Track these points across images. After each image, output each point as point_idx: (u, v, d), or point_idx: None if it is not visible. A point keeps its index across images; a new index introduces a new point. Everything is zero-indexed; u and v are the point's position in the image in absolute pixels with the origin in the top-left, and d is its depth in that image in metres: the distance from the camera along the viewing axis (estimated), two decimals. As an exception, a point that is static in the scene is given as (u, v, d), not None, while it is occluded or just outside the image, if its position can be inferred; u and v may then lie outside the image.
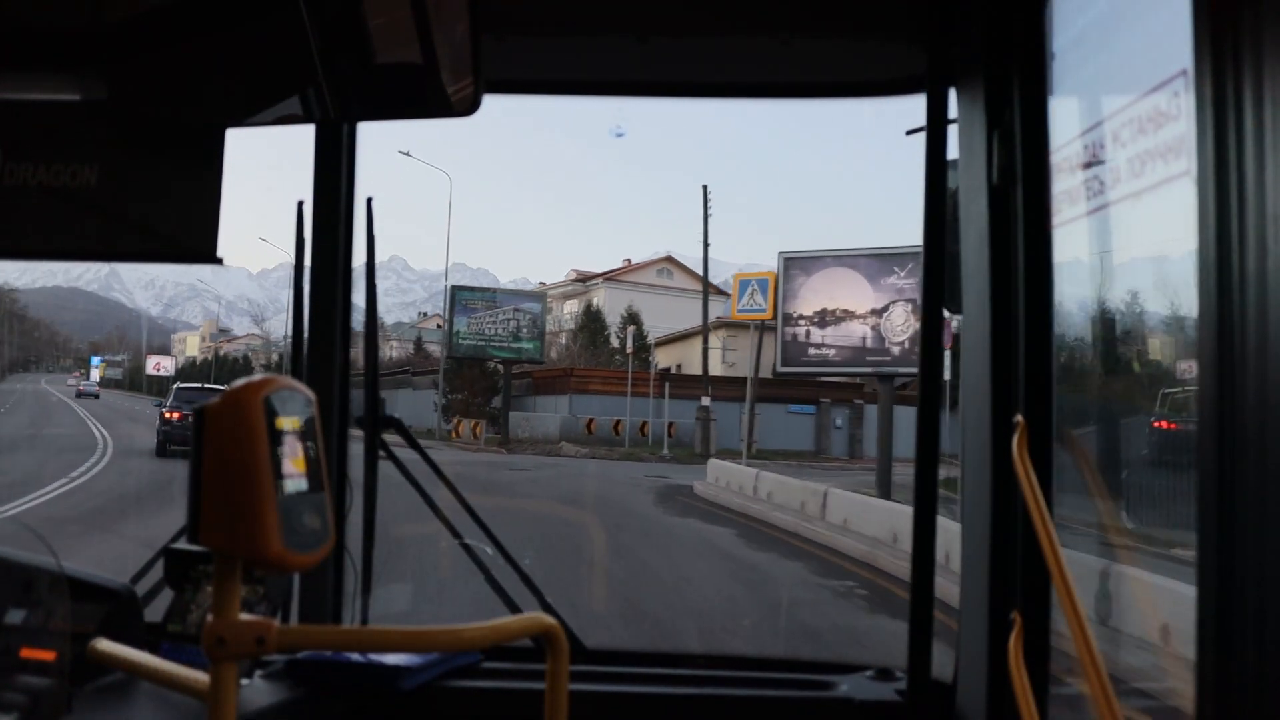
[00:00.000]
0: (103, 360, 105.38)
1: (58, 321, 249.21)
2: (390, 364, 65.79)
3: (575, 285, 68.85)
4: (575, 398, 42.80)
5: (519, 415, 43.20)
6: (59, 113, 1.92)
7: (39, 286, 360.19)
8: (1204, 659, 1.24)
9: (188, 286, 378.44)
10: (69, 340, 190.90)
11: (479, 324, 44.34)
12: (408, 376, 53.76)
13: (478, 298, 46.12)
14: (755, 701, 2.28)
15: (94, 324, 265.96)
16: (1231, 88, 1.19)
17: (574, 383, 44.28)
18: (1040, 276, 1.99)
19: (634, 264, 71.06)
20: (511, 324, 44.35)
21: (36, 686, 1.72)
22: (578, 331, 59.89)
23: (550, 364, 49.94)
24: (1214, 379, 1.23)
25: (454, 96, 1.71)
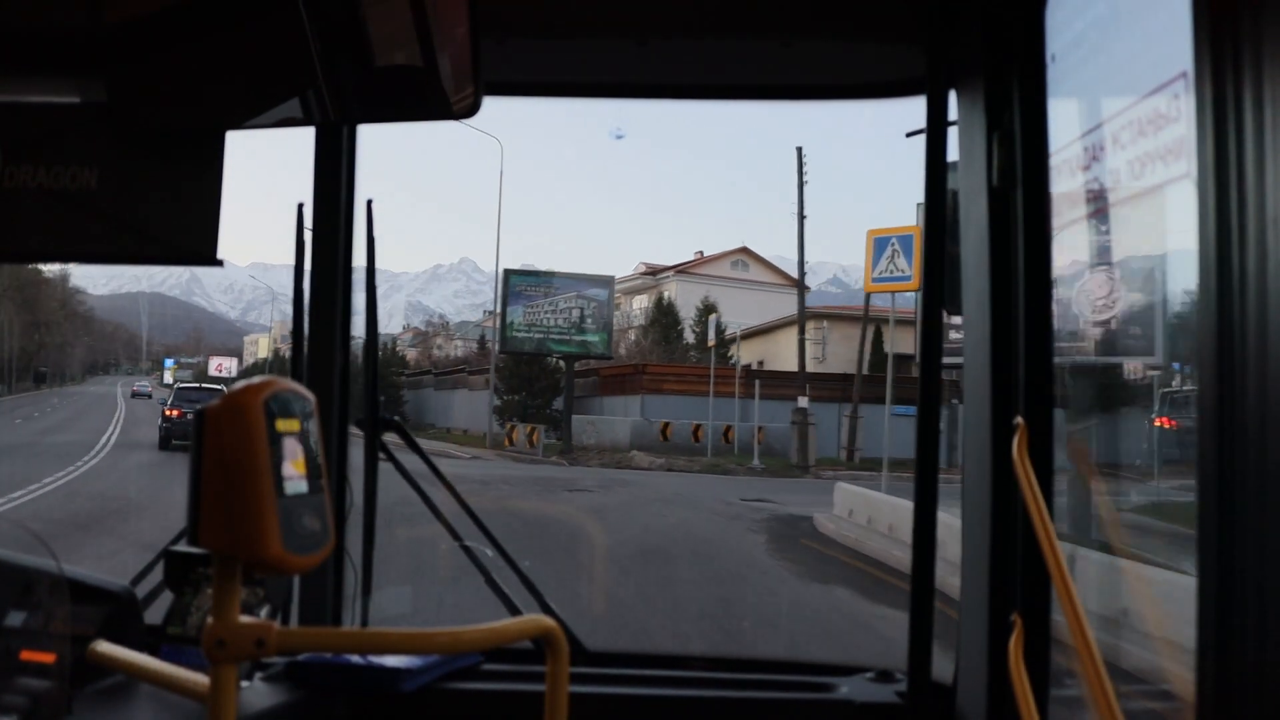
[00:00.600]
0: (175, 362, 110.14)
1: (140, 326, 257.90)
2: (448, 362, 62.54)
3: (644, 279, 62.76)
4: (648, 399, 37.35)
5: (583, 419, 37.38)
6: (59, 115, 1.92)
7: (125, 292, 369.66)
8: (1204, 658, 1.24)
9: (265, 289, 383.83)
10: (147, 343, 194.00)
11: (536, 313, 37.97)
12: (463, 376, 49.73)
13: (534, 283, 38.86)
14: (756, 704, 2.28)
15: (174, 327, 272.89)
16: (1231, 90, 1.19)
17: (646, 381, 38.51)
18: (1040, 278, 1.99)
19: (706, 256, 66.03)
20: (574, 313, 37.91)
21: (36, 689, 1.72)
22: (648, 326, 53.47)
23: (619, 360, 43.86)
24: (1214, 379, 1.23)
25: (454, 99, 1.71)
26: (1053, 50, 1.95)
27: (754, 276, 61.78)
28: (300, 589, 2.39)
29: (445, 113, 1.73)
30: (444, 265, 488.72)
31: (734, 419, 33.99)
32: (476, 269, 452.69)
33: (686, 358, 46.04)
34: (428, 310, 68.94)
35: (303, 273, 2.44)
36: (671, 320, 51.88)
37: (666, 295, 55.31)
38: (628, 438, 34.45)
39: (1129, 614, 2.28)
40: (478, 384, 44.35)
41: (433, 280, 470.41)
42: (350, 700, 2.17)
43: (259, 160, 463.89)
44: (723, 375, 35.21)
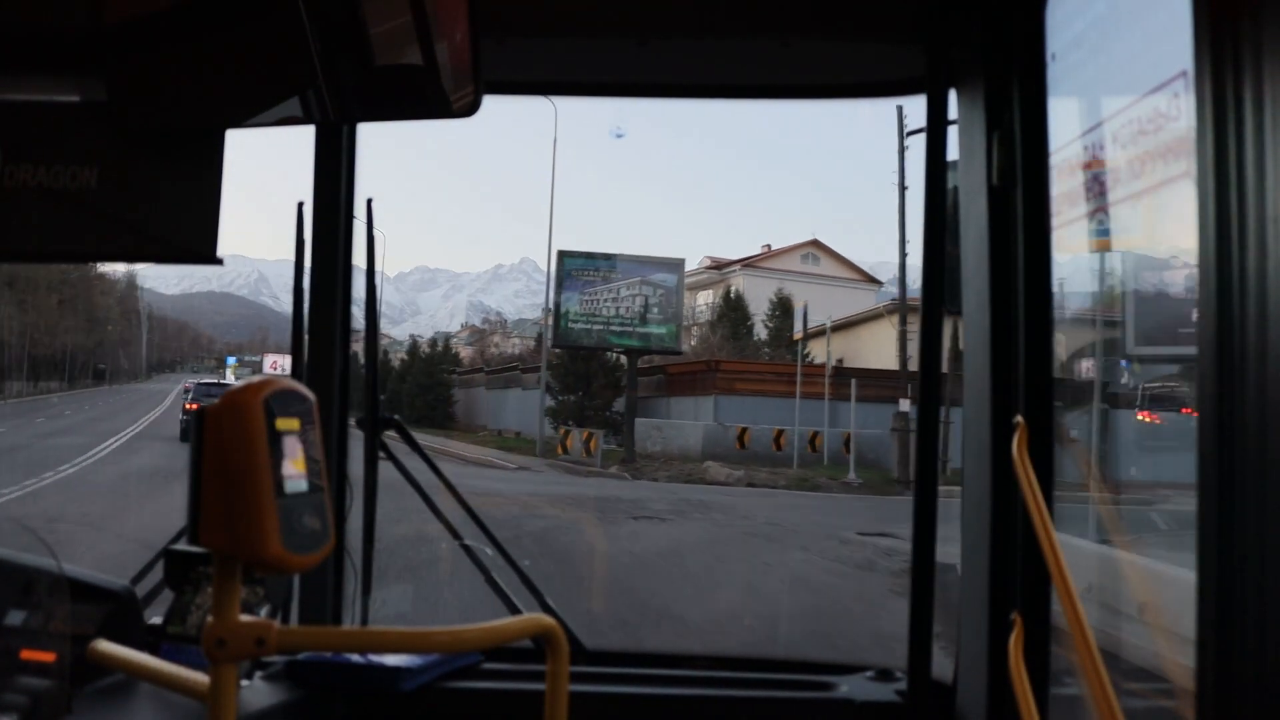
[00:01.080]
0: (237, 360, 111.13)
1: (208, 324, 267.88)
2: (501, 360, 60.38)
3: (709, 274, 57.74)
4: (722, 400, 32.22)
5: (647, 423, 32.23)
6: (59, 114, 1.92)
7: (195, 291, 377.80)
8: (1204, 655, 1.24)
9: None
10: (213, 341, 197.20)
11: (594, 302, 32.65)
12: (517, 374, 45.66)
13: (592, 266, 33.21)
14: (756, 702, 2.28)
15: (241, 326, 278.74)
16: (1231, 89, 1.19)
17: (720, 380, 33.29)
18: (1040, 277, 1.99)
19: (774, 250, 61.46)
20: (637, 301, 32.51)
21: (37, 688, 1.72)
22: (715, 322, 48.18)
23: (687, 357, 38.50)
24: (1214, 378, 1.23)
25: (453, 98, 1.71)
26: (1053, 49, 1.95)
27: (825, 270, 57.24)
28: (300, 588, 2.39)
29: (445, 112, 1.73)
30: (505, 265, 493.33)
31: (822, 424, 28.57)
32: (536, 269, 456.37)
33: (758, 355, 42.02)
34: (488, 310, 69.42)
35: (303, 272, 2.44)
36: (741, 315, 47.30)
37: (736, 288, 51.10)
38: (699, 445, 29.61)
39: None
40: (531, 383, 40.10)
41: (494, 280, 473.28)
42: (350, 699, 2.17)
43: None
44: (807, 374, 30.52)
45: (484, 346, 74.80)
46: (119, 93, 1.72)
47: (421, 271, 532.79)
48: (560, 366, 36.58)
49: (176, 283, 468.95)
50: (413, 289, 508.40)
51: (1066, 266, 2.08)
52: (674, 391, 36.15)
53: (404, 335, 69.49)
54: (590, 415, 34.78)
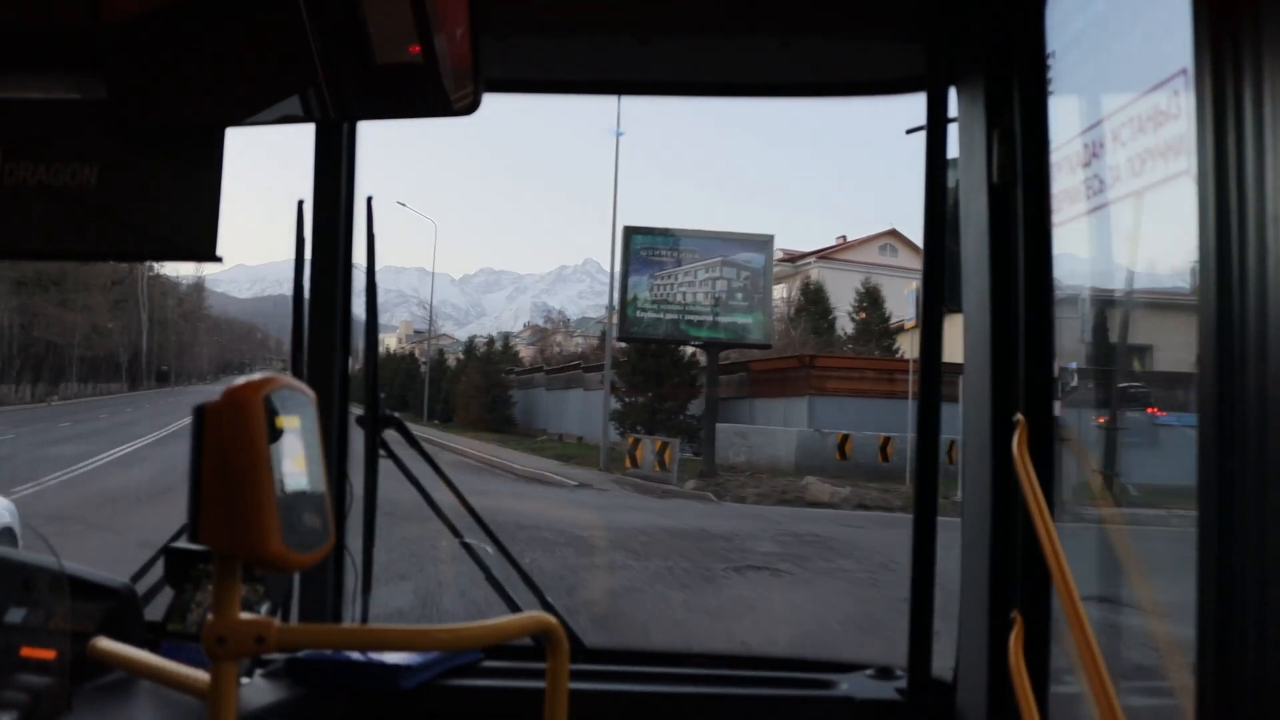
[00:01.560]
0: None
1: (277, 327, 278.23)
2: (562, 359, 57.16)
3: (784, 266, 51.05)
4: (816, 401, 27.61)
5: (729, 429, 28.10)
6: (59, 112, 1.92)
7: (266, 295, 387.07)
8: (1204, 655, 1.24)
9: (396, 293, 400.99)
10: (280, 344, 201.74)
11: (667, 286, 27.60)
12: (579, 373, 41.89)
13: (665, 245, 27.94)
14: (755, 700, 2.28)
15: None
16: (1231, 86, 1.19)
17: (814, 379, 28.51)
18: (1040, 275, 1.99)
19: (850, 241, 58.72)
20: (718, 285, 27.50)
21: (37, 685, 1.72)
22: (795, 315, 43.81)
23: (776, 351, 32.51)
24: (1214, 378, 1.23)
25: (454, 96, 1.71)
26: (1053, 47, 1.95)
27: (904, 262, 53.73)
28: (300, 586, 2.40)
29: (445, 110, 1.73)
30: (569, 266, 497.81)
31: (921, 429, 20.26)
32: (600, 269, 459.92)
33: (843, 351, 37.87)
34: (552, 311, 68.96)
35: (303, 270, 2.44)
36: (822, 308, 43.64)
37: (814, 277, 47.83)
38: (792, 454, 25.38)
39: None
40: (594, 383, 36.20)
41: (558, 281, 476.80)
42: (350, 697, 2.17)
43: (403, 166, 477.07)
44: (896, 371, 27.26)
45: (546, 346, 72.36)
46: (119, 90, 1.72)
47: (486, 273, 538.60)
48: (627, 364, 32.10)
49: (249, 287, 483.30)
50: (477, 291, 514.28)
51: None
52: (759, 392, 31.38)
53: (468, 337, 68.89)
54: (661, 420, 30.16)
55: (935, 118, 2.13)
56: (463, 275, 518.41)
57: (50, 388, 53.50)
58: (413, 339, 59.21)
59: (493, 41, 2.15)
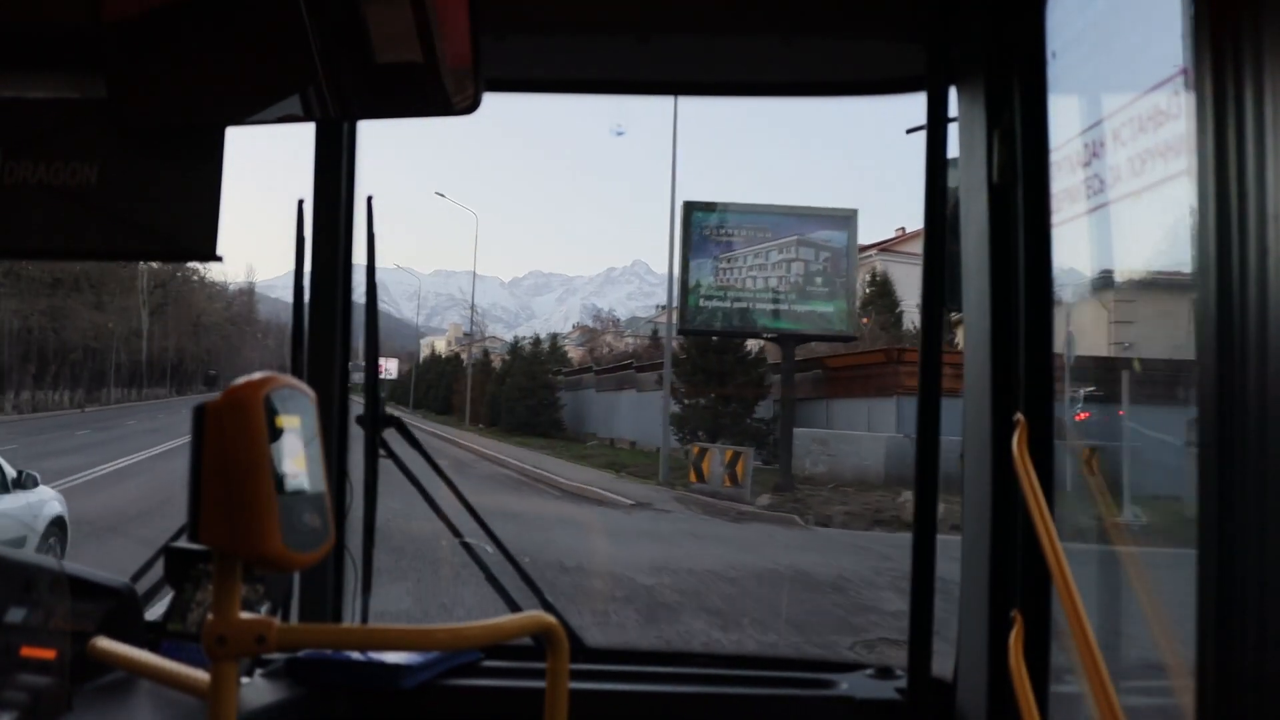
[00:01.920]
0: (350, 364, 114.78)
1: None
2: (612, 358, 55.56)
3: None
4: (905, 402, 23.46)
5: (805, 434, 24.35)
6: (59, 111, 1.92)
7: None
8: (1204, 655, 1.24)
9: (446, 296, 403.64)
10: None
11: (734, 271, 23.80)
12: (630, 373, 39.38)
13: (731, 223, 24.17)
14: (756, 700, 2.28)
15: (360, 332, 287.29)
16: (1231, 86, 1.19)
17: (904, 376, 24.31)
18: (1040, 275, 1.99)
19: (909, 233, 52.36)
20: (794, 268, 23.52)
21: (37, 685, 1.72)
22: (863, 306, 37.87)
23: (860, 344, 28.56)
24: (1214, 378, 1.23)
25: (454, 95, 1.71)
26: (1053, 47, 1.95)
27: None
28: (300, 586, 2.40)
29: (445, 109, 1.73)
30: (617, 268, 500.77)
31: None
32: (649, 270, 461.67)
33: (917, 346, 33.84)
34: (601, 311, 68.92)
35: (303, 270, 2.44)
36: (889, 301, 40.30)
37: (879, 269, 43.45)
38: (880, 464, 21.94)
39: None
40: (648, 383, 33.91)
41: (606, 283, 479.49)
42: (351, 697, 2.17)
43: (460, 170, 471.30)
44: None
45: (595, 346, 70.36)
46: (119, 90, 1.72)
47: (535, 276, 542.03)
48: (686, 362, 28.61)
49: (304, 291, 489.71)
50: (527, 293, 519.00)
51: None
52: (837, 392, 27.61)
53: (513, 336, 67.00)
54: (725, 424, 26.73)
55: (935, 117, 2.13)
56: (512, 278, 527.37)
57: (90, 394, 52.21)
58: (461, 342, 58.33)
59: (493, 40, 2.15)
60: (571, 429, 44.77)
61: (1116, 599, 2.03)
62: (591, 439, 40.44)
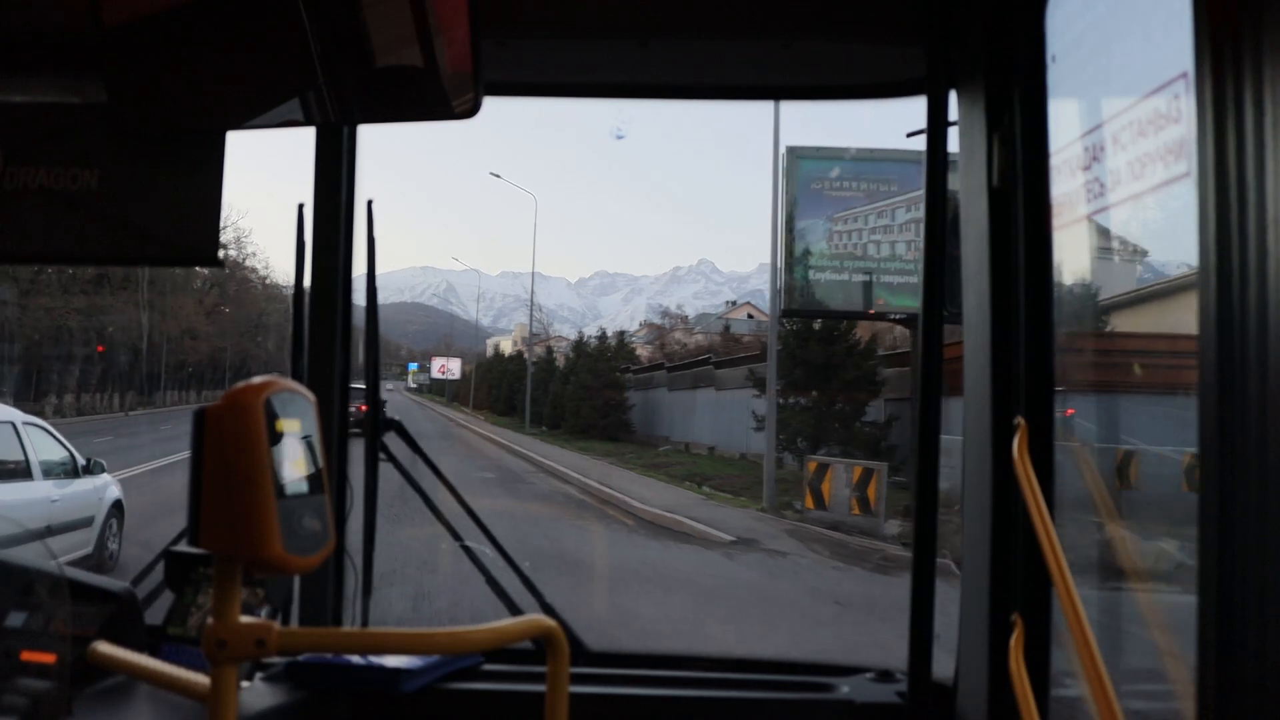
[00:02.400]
0: (417, 366, 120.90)
1: (400, 333, 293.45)
2: (686, 354, 50.97)
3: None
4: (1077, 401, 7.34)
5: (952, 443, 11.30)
6: (60, 117, 1.92)
7: (389, 303, 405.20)
8: (1204, 656, 1.24)
9: (513, 298, 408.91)
10: (399, 349, 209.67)
11: (853, 232, 18.80)
12: (708, 370, 34.43)
13: (849, 172, 18.99)
14: (756, 704, 2.28)
15: (429, 334, 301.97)
16: (1232, 90, 1.19)
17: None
18: (1040, 278, 1.99)
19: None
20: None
21: (37, 689, 1.72)
22: None
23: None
24: (1215, 380, 1.23)
25: (454, 99, 1.72)
26: (1053, 51, 1.95)
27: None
28: (300, 589, 2.39)
29: (445, 113, 1.73)
30: (683, 267, 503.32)
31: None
32: (715, 270, 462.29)
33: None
34: (669, 308, 68.42)
35: (303, 273, 2.44)
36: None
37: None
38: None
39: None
40: (731, 380, 29.59)
41: (672, 283, 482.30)
42: (351, 700, 2.17)
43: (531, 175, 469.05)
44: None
45: (664, 343, 66.14)
46: (120, 95, 1.72)
47: (601, 276, 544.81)
48: (783, 352, 22.25)
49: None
50: (592, 294, 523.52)
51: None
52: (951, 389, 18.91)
53: (578, 332, 64.54)
54: (831, 428, 22.03)
55: (936, 121, 2.13)
56: (578, 279, 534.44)
57: (143, 396, 50.75)
58: (528, 342, 57.36)
59: (493, 45, 2.15)
60: (641, 432, 40.76)
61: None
62: (663, 443, 36.14)
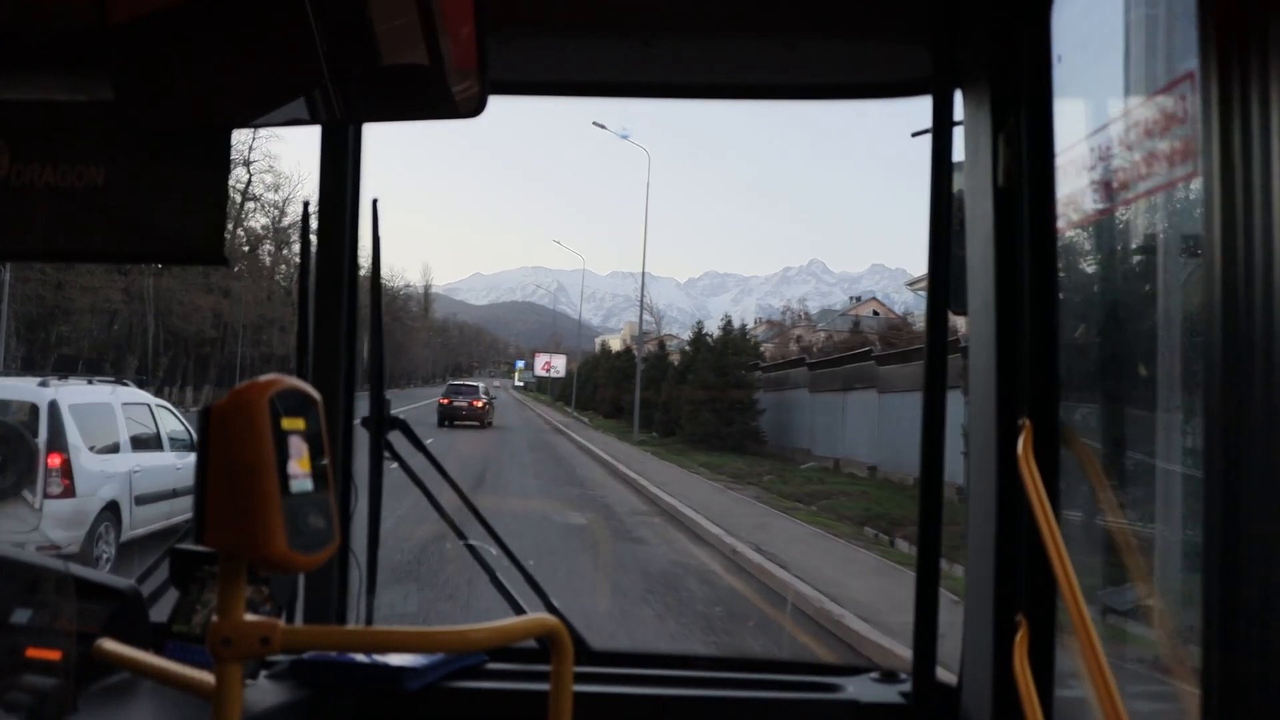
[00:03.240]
0: (523, 364, 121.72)
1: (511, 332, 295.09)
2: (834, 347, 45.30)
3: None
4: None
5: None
6: (67, 114, 1.93)
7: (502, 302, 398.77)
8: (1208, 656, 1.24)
9: (623, 298, 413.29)
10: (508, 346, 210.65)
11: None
12: (868, 366, 27.92)
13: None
14: (760, 703, 2.28)
15: (539, 333, 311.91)
16: (1238, 90, 1.19)
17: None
18: (1046, 279, 1.98)
19: None
20: None
21: (42, 686, 1.72)
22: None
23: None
24: (1221, 378, 1.23)
25: (459, 98, 1.72)
26: (1059, 50, 1.95)
27: None
28: (305, 587, 2.40)
29: (451, 111, 1.73)
30: (793, 268, 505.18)
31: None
32: (826, 270, 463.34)
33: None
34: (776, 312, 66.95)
35: (309, 271, 2.45)
36: None
37: None
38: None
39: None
40: (897, 380, 24.36)
41: (782, 283, 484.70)
42: (355, 698, 2.17)
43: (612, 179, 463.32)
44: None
45: (784, 341, 61.43)
46: (125, 92, 1.72)
47: (711, 276, 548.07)
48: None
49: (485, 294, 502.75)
50: (702, 294, 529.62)
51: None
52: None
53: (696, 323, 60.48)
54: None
55: (941, 121, 2.13)
56: (688, 279, 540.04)
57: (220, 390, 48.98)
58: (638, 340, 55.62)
59: (498, 43, 2.15)
60: (772, 443, 33.99)
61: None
62: (804, 458, 29.67)
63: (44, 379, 11.09)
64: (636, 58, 2.36)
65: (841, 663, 2.44)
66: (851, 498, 19.99)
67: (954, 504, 2.26)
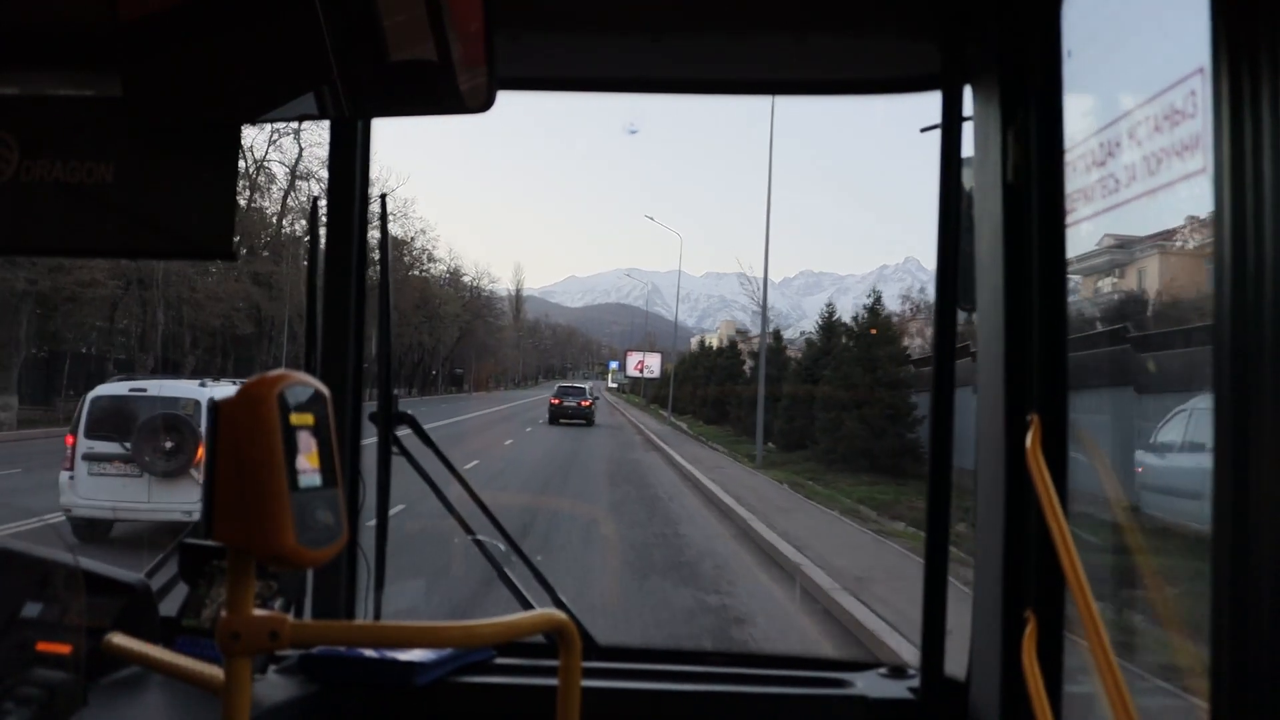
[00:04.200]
0: (617, 365, 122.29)
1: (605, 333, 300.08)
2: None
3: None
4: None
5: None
6: (75, 110, 1.93)
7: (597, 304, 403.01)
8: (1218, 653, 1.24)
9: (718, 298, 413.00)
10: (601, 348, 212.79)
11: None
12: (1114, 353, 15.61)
13: None
14: (769, 699, 2.28)
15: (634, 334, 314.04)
16: (1249, 85, 1.19)
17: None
18: (1054, 274, 1.98)
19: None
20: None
21: (52, 680, 1.73)
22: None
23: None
24: (1230, 379, 1.22)
25: (467, 93, 1.71)
26: (1069, 45, 1.94)
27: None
28: (314, 582, 2.41)
29: (459, 107, 1.73)
30: (889, 266, 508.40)
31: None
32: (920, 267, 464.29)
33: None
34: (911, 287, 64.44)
35: (317, 267, 2.45)
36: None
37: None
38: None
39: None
40: (1171, 374, 13.47)
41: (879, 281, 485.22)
42: (364, 693, 2.18)
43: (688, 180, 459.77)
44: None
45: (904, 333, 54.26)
46: (134, 88, 1.72)
47: (806, 276, 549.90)
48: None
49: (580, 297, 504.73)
50: (797, 293, 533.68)
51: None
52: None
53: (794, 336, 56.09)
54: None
55: (950, 116, 2.13)
56: (782, 279, 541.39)
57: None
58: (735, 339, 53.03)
59: (507, 39, 2.15)
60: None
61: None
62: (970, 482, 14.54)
63: (203, 380, 13.81)
64: (645, 53, 2.35)
65: (850, 658, 2.44)
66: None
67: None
